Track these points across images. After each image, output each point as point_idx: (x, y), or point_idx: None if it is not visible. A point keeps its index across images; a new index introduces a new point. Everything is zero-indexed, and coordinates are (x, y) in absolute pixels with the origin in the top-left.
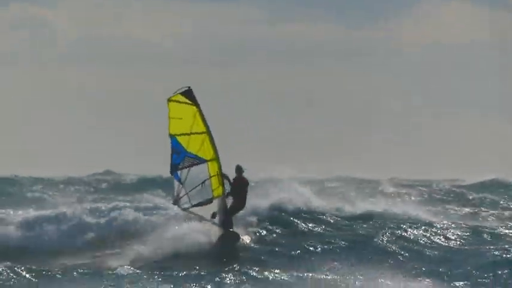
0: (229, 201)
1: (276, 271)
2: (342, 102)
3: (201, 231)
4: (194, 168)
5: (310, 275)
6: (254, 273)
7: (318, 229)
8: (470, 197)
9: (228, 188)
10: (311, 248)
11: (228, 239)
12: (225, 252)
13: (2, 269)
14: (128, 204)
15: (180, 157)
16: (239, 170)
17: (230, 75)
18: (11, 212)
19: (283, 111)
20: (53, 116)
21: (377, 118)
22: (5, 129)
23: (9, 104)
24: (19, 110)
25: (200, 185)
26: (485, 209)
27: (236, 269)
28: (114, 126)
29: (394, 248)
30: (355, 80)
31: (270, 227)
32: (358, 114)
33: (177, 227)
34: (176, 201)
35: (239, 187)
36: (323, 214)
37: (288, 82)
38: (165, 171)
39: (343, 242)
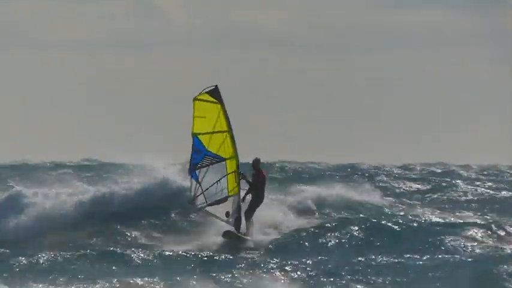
0: (249, 197)
1: None
2: None
3: None
4: (212, 167)
5: None
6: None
7: None
8: None
9: (244, 186)
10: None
11: (233, 239)
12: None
13: None
14: None
15: (200, 156)
16: (257, 163)
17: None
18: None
19: None
20: None
21: None
22: None
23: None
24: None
25: (216, 183)
26: None
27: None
28: None
29: None
30: None
31: None
32: None
33: None
34: (192, 201)
35: (258, 181)
36: None
37: None
38: None
39: None
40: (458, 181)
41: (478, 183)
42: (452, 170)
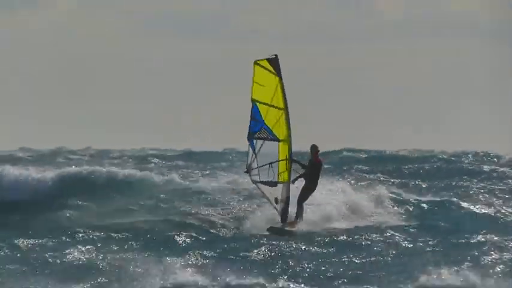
0: (302, 183)
1: None
2: None
3: None
4: (267, 145)
5: None
6: None
7: None
8: None
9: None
10: None
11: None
12: None
13: None
14: None
15: (258, 126)
16: (315, 149)
17: None
18: None
19: None
20: None
21: None
22: None
23: None
24: None
25: (269, 165)
26: None
27: None
28: None
29: None
30: None
31: None
32: None
33: None
34: (249, 170)
35: (313, 168)
36: None
37: None
38: None
39: None
40: None
41: None
42: None
